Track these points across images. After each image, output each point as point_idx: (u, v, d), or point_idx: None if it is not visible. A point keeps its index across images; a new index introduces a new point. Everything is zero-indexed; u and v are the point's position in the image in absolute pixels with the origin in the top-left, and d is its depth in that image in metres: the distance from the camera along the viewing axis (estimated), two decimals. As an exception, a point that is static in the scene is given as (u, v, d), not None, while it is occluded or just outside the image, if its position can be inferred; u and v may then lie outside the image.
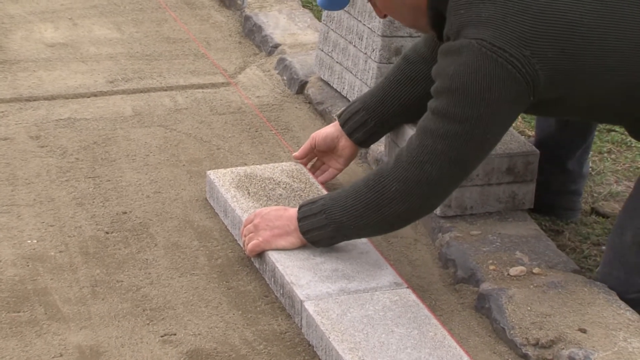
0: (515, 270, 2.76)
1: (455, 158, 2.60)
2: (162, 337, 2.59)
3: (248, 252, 2.82)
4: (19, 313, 2.64)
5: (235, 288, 2.79)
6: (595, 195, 3.34)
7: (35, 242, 2.92)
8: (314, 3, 4.57)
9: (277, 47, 4.06)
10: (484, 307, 2.70)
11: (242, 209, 2.95)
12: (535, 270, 2.77)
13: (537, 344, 2.54)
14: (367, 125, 3.06)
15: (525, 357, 2.55)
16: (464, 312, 2.73)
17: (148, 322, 2.64)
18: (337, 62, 3.65)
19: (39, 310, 2.65)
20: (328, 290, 2.66)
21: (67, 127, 3.51)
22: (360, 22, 3.50)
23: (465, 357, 2.47)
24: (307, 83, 3.80)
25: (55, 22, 4.27)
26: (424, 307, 2.63)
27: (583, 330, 2.55)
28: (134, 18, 4.36)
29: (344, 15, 3.57)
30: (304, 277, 2.70)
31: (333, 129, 3.13)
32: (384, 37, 3.40)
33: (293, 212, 2.77)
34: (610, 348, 2.49)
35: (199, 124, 3.59)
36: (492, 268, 2.78)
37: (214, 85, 3.86)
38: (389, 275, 2.74)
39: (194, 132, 3.54)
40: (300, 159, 3.18)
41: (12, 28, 4.18)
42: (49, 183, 3.19)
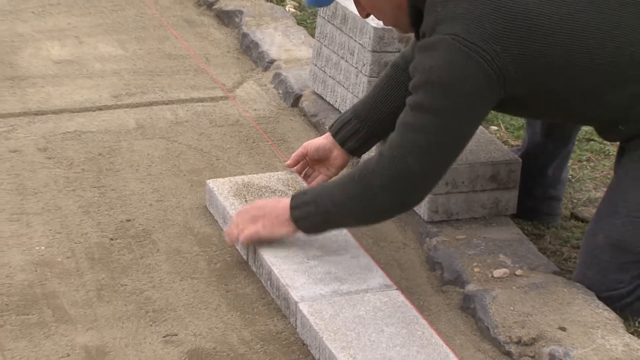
0: (499, 272, 2.77)
1: (434, 150, 2.61)
2: (164, 337, 2.60)
3: (244, 239, 2.81)
4: (29, 315, 2.64)
5: (234, 291, 2.79)
6: (575, 201, 3.35)
7: (44, 248, 2.92)
8: (308, 21, 4.58)
9: (273, 62, 4.06)
10: (469, 307, 2.71)
11: (239, 216, 2.96)
12: (518, 272, 2.78)
13: (519, 342, 2.55)
14: (359, 134, 3.05)
15: (509, 354, 2.55)
16: (450, 312, 2.74)
17: (151, 323, 2.65)
18: (329, 76, 3.66)
19: (48, 313, 2.66)
20: (321, 292, 2.66)
21: (73, 139, 3.51)
22: (352, 38, 3.51)
23: (452, 354, 2.48)
24: (301, 96, 3.80)
25: (62, 40, 4.27)
26: (413, 307, 2.63)
27: (563, 329, 2.55)
28: (137, 36, 4.36)
29: (336, 32, 3.59)
30: (299, 279, 2.71)
31: (325, 141, 3.11)
32: (374, 52, 3.41)
33: (286, 202, 2.77)
34: (589, 345, 2.50)
35: (199, 136, 3.59)
36: (476, 270, 2.79)
37: (213, 99, 3.87)
38: (379, 278, 2.75)
39: (194, 143, 3.54)
40: (292, 167, 3.18)
41: (21, 46, 4.19)
42: (57, 192, 3.20)
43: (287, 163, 3.19)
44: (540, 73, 2.62)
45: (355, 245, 2.87)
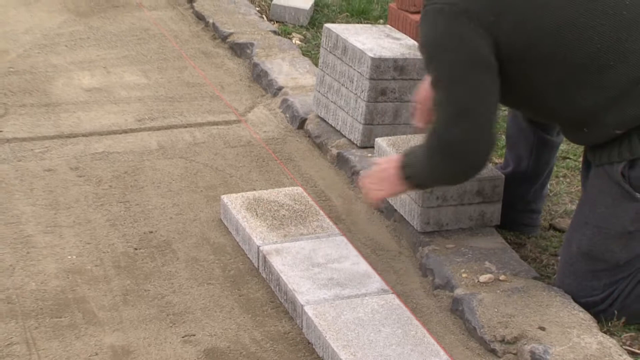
0: (484, 278, 2.77)
1: (452, 108, 2.59)
2: (183, 337, 2.60)
3: (376, 199, 2.84)
4: (61, 318, 2.65)
5: (246, 295, 2.79)
6: (553, 213, 3.34)
7: (75, 257, 2.92)
8: (312, 52, 4.59)
9: (280, 89, 4.07)
10: (458, 309, 2.70)
11: (251, 228, 2.96)
12: (502, 278, 2.77)
13: (503, 340, 2.55)
14: None
15: (494, 352, 2.55)
16: (441, 313, 2.73)
17: (171, 325, 2.64)
18: (331, 101, 3.67)
19: (78, 316, 2.66)
20: (325, 296, 2.66)
21: (101, 159, 3.52)
22: (351, 67, 3.51)
23: (442, 352, 2.47)
24: (306, 120, 3.81)
25: (92, 70, 4.28)
26: (407, 310, 2.63)
27: (542, 328, 2.55)
28: (159, 66, 4.37)
29: (337, 62, 3.59)
30: (304, 285, 2.71)
31: None
32: (371, 80, 3.42)
33: (396, 165, 2.75)
34: (566, 343, 2.49)
35: (214, 156, 3.60)
36: (464, 276, 2.79)
37: (227, 123, 3.87)
38: (377, 283, 2.75)
39: (210, 162, 3.55)
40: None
41: (54, 76, 4.20)
42: (87, 207, 3.20)
43: (418, 124, 3.05)
44: (525, 56, 2.58)
45: (355, 254, 2.87)
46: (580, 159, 3.69)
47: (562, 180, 3.55)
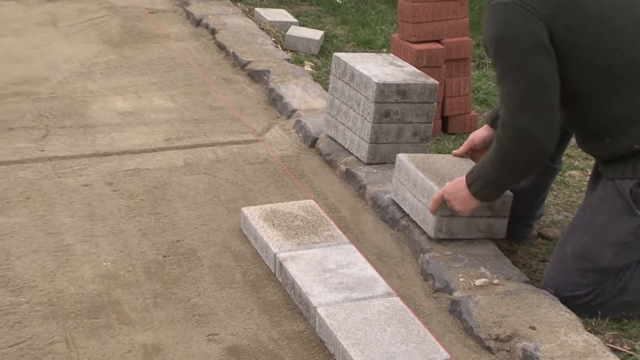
0: (480, 282, 2.76)
1: (526, 104, 2.55)
2: (207, 336, 2.59)
3: (463, 215, 2.83)
4: (97, 319, 2.64)
5: (264, 298, 2.78)
6: (541, 223, 3.32)
7: (109, 264, 2.92)
8: (323, 78, 4.59)
9: (294, 111, 4.07)
10: (456, 310, 2.69)
11: (268, 237, 2.95)
12: (495, 282, 2.76)
13: (497, 339, 2.53)
14: None
15: (489, 349, 2.54)
16: (441, 314, 2.72)
17: (196, 325, 2.64)
18: (340, 122, 3.66)
19: (113, 317, 2.65)
20: (335, 299, 2.65)
21: (133, 175, 3.52)
22: (358, 92, 3.51)
23: (442, 349, 2.46)
24: (317, 139, 3.80)
25: (124, 95, 4.29)
26: (410, 311, 2.62)
27: (533, 328, 2.54)
28: (185, 91, 4.38)
29: (346, 87, 3.59)
30: (317, 288, 2.70)
31: (488, 132, 3.03)
32: (376, 103, 3.41)
33: (463, 182, 2.75)
34: (554, 341, 2.48)
35: (235, 172, 3.59)
36: (462, 280, 2.77)
37: (246, 142, 3.87)
38: (382, 287, 2.73)
39: (231, 178, 3.54)
40: (459, 156, 3.10)
41: (91, 101, 4.21)
42: (120, 218, 3.20)
43: (455, 152, 3.11)
44: (571, 57, 2.55)
45: (363, 260, 2.86)
46: (567, 173, 3.70)
47: (549, 193, 3.53)
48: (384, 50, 4.95)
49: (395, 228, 3.14)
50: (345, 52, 4.80)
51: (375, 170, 3.45)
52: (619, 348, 2.56)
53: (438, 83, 3.47)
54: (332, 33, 5.31)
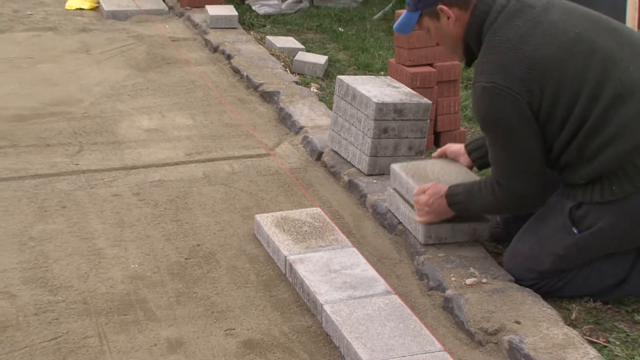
0: (470, 281, 2.75)
1: (513, 169, 2.63)
2: (225, 331, 2.58)
3: (424, 221, 2.88)
4: (126, 316, 2.64)
5: (276, 296, 2.78)
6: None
7: (137, 266, 2.92)
8: (327, 98, 4.59)
9: (302, 128, 4.07)
10: (449, 306, 2.68)
11: (279, 241, 2.95)
12: (484, 281, 2.75)
13: (486, 332, 2.52)
14: (484, 157, 2.93)
15: (478, 342, 2.53)
16: (435, 310, 2.71)
17: (215, 321, 2.63)
18: (343, 138, 3.66)
19: (140, 314, 2.65)
20: (340, 297, 2.64)
21: (158, 186, 3.52)
22: (359, 110, 3.51)
23: (436, 342, 2.45)
24: (323, 153, 3.80)
25: (150, 114, 4.30)
26: (407, 307, 2.61)
27: (518, 322, 2.53)
28: (204, 110, 4.38)
29: (348, 106, 3.58)
30: (323, 287, 2.69)
31: (462, 150, 3.09)
32: (376, 120, 3.41)
33: (444, 199, 2.81)
34: (537, 334, 2.47)
35: (249, 183, 3.59)
36: (453, 279, 2.76)
37: (259, 156, 3.87)
38: (382, 286, 2.72)
39: (246, 188, 3.54)
40: (437, 158, 3.18)
41: (120, 119, 4.22)
42: (146, 225, 3.20)
43: (433, 155, 3.21)
44: (553, 107, 2.58)
45: (364, 262, 2.85)
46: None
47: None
48: (382, 73, 4.95)
49: (393, 233, 3.13)
50: (347, 75, 4.80)
51: (375, 181, 3.44)
52: (596, 340, 2.54)
53: (431, 102, 3.47)
54: (335, 58, 5.32)
